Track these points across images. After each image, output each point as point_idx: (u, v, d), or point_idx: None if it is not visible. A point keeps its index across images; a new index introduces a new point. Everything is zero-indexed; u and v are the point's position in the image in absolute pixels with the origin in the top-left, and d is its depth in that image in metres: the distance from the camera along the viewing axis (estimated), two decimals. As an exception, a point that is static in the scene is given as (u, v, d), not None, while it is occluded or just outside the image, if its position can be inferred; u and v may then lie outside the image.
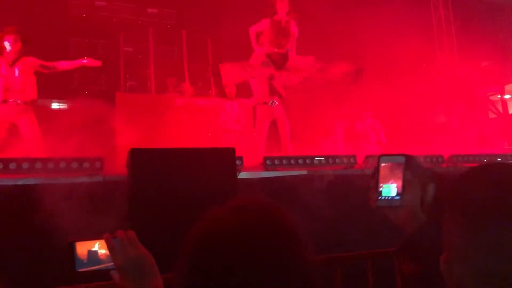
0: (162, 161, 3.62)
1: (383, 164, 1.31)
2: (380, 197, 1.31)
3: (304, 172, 4.96)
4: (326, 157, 5.24)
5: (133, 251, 1.22)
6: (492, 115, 11.22)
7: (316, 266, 0.85)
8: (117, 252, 1.21)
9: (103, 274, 1.24)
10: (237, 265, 0.77)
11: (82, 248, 1.24)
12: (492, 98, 11.36)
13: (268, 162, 4.94)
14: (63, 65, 5.87)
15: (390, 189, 1.30)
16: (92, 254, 1.25)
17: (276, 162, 4.98)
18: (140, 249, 1.24)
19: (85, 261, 1.24)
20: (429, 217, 1.30)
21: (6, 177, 3.74)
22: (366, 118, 7.58)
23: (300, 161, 5.11)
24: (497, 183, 0.93)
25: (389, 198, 1.30)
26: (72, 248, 1.24)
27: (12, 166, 3.82)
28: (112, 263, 1.22)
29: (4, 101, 5.41)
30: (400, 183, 1.29)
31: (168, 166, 3.57)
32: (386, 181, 1.30)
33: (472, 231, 0.90)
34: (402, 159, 1.29)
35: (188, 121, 7.70)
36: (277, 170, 4.94)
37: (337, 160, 5.27)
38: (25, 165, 3.89)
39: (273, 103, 6.42)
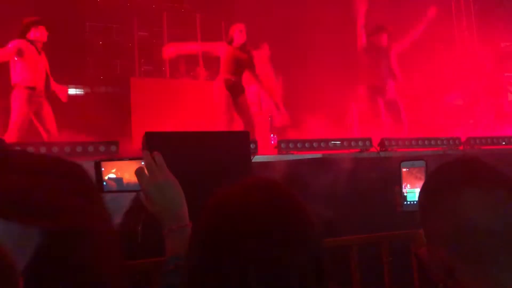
0: (177, 144, 3.63)
1: (404, 170, 1.32)
2: (405, 202, 1.33)
3: (319, 155, 4.94)
4: (342, 140, 5.21)
5: (161, 175, 1.19)
6: (511, 97, 11.01)
7: (324, 245, 0.85)
8: (144, 176, 1.18)
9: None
10: (246, 240, 0.78)
11: (109, 170, 1.23)
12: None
13: (282, 145, 4.92)
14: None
15: (414, 194, 1.30)
16: (119, 178, 1.23)
17: (291, 145, 4.96)
18: (168, 174, 1.21)
19: (112, 183, 1.23)
20: None
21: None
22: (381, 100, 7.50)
23: (315, 144, 5.08)
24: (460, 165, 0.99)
25: (415, 203, 1.30)
26: (99, 168, 1.22)
27: (30, 150, 3.87)
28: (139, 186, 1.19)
29: (33, 88, 5.49)
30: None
31: (183, 149, 3.58)
32: (410, 186, 1.31)
33: (434, 205, 0.95)
34: (422, 164, 1.30)
35: (203, 105, 7.71)
36: (292, 154, 4.93)
37: (353, 143, 5.24)
38: (43, 149, 3.94)
39: None
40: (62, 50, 7.41)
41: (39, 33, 5.47)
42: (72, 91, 9.32)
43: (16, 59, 5.36)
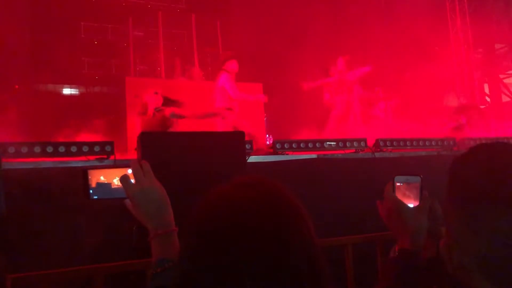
0: (171, 145, 3.63)
1: (398, 184, 1.26)
2: None
3: (314, 156, 4.94)
4: (337, 141, 5.21)
5: (147, 182, 1.21)
6: (505, 98, 11.06)
7: (318, 244, 0.85)
8: (129, 183, 1.20)
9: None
10: (239, 238, 0.78)
11: (96, 177, 1.25)
12: (506, 81, 11.19)
13: (278, 145, 4.92)
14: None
15: None
16: (107, 184, 1.25)
17: (286, 145, 4.96)
18: (153, 181, 1.23)
19: (99, 190, 1.25)
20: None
21: (17, 160, 3.77)
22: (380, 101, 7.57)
23: (310, 144, 5.08)
24: (493, 164, 0.92)
25: None
26: (86, 175, 1.24)
27: (24, 150, 3.85)
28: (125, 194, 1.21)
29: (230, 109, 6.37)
30: (417, 203, 1.24)
31: (178, 150, 3.57)
32: (403, 201, 1.25)
33: (469, 215, 0.90)
34: (418, 179, 1.24)
35: (198, 105, 7.70)
36: (287, 154, 4.93)
37: (348, 144, 5.24)
38: (37, 148, 3.91)
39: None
40: (57, 50, 7.38)
41: (233, 65, 6.49)
42: (67, 91, 9.30)
43: (220, 87, 6.40)
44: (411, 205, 1.23)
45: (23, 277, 2.17)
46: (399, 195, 1.24)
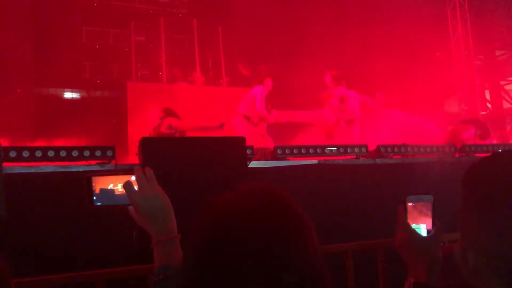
0: (173, 150, 3.64)
1: (410, 204, 1.23)
2: None
3: (315, 161, 4.94)
4: (338, 147, 5.21)
5: (150, 189, 1.21)
6: (506, 105, 11.07)
7: (321, 252, 0.86)
8: (133, 189, 1.20)
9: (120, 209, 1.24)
10: (243, 246, 0.79)
11: (100, 184, 1.25)
12: (507, 87, 11.20)
13: (279, 151, 4.92)
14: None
15: (419, 229, 1.23)
16: (110, 191, 1.25)
17: (287, 151, 4.95)
18: (157, 188, 1.23)
19: (103, 196, 1.25)
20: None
21: (18, 165, 3.77)
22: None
23: (311, 150, 5.08)
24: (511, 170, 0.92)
25: None
26: (89, 182, 1.24)
27: (25, 154, 3.85)
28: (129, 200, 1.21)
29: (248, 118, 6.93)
30: (429, 222, 1.22)
31: (179, 155, 3.58)
32: (415, 221, 1.22)
33: (487, 218, 0.90)
34: (430, 198, 1.23)
35: (199, 110, 7.71)
36: (288, 159, 4.93)
37: (349, 150, 5.23)
38: (38, 153, 3.91)
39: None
40: (59, 54, 7.41)
41: (270, 83, 7.15)
42: (68, 95, 9.32)
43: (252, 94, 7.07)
44: (424, 225, 1.21)
45: (25, 282, 2.18)
46: (412, 216, 1.22)
